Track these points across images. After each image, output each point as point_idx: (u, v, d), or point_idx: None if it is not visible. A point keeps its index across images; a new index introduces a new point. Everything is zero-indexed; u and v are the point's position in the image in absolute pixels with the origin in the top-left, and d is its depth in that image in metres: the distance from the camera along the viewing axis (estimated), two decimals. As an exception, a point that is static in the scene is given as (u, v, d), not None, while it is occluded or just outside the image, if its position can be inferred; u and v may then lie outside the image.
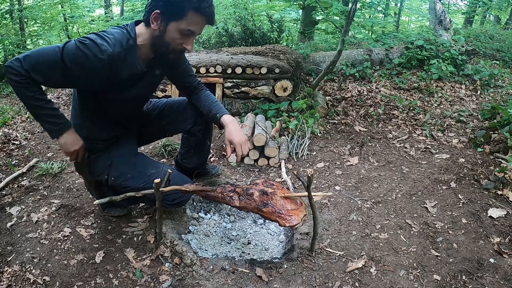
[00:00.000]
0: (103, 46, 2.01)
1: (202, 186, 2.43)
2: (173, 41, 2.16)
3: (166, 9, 2.08)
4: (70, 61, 1.98)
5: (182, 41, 2.18)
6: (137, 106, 2.70)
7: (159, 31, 2.14)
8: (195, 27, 2.14)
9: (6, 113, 5.86)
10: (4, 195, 3.27)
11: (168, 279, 2.32)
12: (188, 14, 2.08)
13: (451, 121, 5.33)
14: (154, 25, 2.13)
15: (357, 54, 8.16)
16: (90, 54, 1.98)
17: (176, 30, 2.12)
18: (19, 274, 2.34)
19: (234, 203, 2.33)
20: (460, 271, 2.45)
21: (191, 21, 2.10)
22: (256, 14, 10.73)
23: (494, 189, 3.36)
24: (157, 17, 2.11)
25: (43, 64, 1.99)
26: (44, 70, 2.00)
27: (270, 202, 2.23)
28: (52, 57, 1.98)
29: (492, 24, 17.22)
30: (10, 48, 10.86)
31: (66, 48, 1.98)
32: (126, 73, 2.20)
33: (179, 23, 2.10)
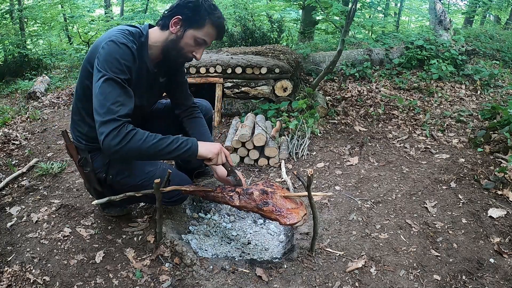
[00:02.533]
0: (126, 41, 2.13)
1: (202, 186, 2.44)
2: (186, 47, 2.29)
3: (188, 17, 2.23)
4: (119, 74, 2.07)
5: (194, 49, 2.31)
6: (139, 113, 2.60)
7: (176, 35, 2.27)
8: (208, 38, 2.30)
9: (6, 113, 5.87)
10: (4, 195, 3.27)
11: (168, 279, 2.32)
12: (206, 25, 2.25)
13: (451, 121, 5.33)
14: (173, 29, 2.26)
15: (357, 54, 8.16)
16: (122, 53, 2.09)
17: (192, 37, 2.25)
18: (19, 274, 2.34)
19: (234, 203, 2.33)
20: (460, 271, 2.45)
21: (207, 32, 2.27)
22: (256, 14, 10.75)
23: (494, 189, 3.35)
24: (178, 22, 2.25)
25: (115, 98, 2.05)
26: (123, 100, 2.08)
27: (270, 201, 2.24)
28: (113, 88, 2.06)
29: (492, 24, 17.24)
30: (10, 48, 10.88)
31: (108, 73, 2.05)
32: (136, 70, 2.25)
33: (197, 32, 2.25)
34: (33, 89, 7.31)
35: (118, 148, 2.00)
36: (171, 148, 2.14)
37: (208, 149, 2.28)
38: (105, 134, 1.98)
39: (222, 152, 2.37)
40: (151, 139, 2.08)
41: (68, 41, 15.47)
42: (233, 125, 4.71)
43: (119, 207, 2.91)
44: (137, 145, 2.03)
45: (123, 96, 2.06)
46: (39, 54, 11.03)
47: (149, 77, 2.42)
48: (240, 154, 4.08)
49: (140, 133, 2.07)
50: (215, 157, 2.31)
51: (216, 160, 2.32)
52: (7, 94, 7.95)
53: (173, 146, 2.14)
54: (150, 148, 2.07)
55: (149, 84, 2.47)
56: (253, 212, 2.34)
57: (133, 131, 2.04)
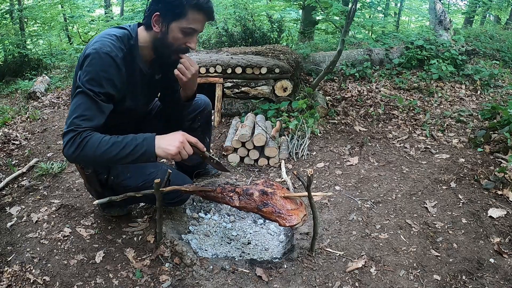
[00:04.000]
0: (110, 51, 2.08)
1: (202, 186, 2.43)
2: (176, 41, 2.19)
3: (166, 10, 2.12)
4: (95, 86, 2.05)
5: (185, 40, 2.21)
6: (136, 115, 2.65)
7: (161, 33, 2.17)
8: (196, 25, 2.17)
9: (6, 113, 5.86)
10: (4, 195, 3.28)
11: (168, 279, 2.32)
12: (188, 13, 2.11)
13: (451, 121, 5.33)
14: (156, 27, 2.17)
15: (357, 54, 8.16)
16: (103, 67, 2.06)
17: (178, 29, 2.15)
18: (19, 274, 2.35)
19: (234, 203, 2.33)
20: (460, 271, 2.45)
21: (192, 19, 2.14)
22: (256, 14, 10.75)
23: (494, 189, 3.36)
24: (158, 19, 2.15)
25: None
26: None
27: (270, 202, 2.23)
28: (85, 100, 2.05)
29: (492, 24, 17.23)
30: (10, 48, 10.87)
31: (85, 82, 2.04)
32: (126, 76, 2.21)
33: (181, 22, 2.13)
34: (33, 89, 7.30)
35: (75, 156, 2.00)
36: (124, 154, 2.03)
37: (166, 148, 2.09)
38: (64, 144, 2.00)
39: (185, 142, 2.16)
40: (103, 144, 2.00)
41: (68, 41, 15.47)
42: (233, 125, 4.71)
43: (119, 207, 2.91)
44: (90, 152, 1.99)
45: (91, 111, 2.04)
46: (39, 54, 11.03)
47: (144, 79, 2.39)
48: (240, 154, 4.08)
49: (93, 139, 1.99)
50: (177, 153, 2.12)
51: (179, 156, 2.14)
52: (7, 94, 7.95)
53: (126, 151, 2.03)
54: (103, 154, 2.01)
55: (144, 85, 2.43)
56: (253, 212, 2.34)
57: (87, 137, 1.98)
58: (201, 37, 9.74)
